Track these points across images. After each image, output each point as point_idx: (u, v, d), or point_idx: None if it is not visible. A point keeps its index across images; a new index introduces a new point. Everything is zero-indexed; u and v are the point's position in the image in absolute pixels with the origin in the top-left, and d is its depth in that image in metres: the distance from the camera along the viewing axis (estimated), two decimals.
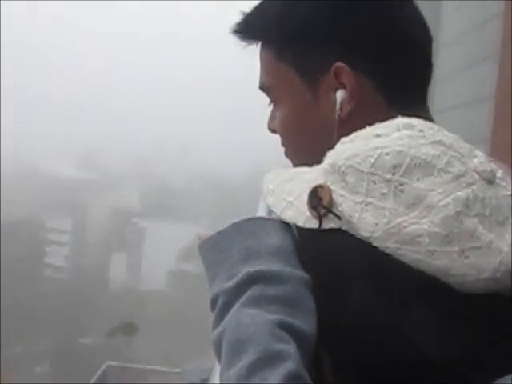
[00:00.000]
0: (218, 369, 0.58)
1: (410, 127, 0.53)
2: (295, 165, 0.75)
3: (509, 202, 0.50)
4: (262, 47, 0.73)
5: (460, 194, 0.49)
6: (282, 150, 0.77)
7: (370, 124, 0.57)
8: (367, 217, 0.50)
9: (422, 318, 0.48)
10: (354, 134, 0.57)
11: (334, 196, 0.52)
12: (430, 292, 0.49)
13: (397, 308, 0.49)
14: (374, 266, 0.50)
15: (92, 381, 16.61)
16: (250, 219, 0.58)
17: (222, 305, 0.55)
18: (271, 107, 0.76)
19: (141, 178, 63.71)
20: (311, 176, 0.57)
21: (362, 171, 0.51)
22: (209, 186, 63.26)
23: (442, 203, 0.49)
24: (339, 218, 0.52)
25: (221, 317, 0.54)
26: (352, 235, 0.51)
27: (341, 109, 0.67)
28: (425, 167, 0.50)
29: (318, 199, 0.53)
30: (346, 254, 0.52)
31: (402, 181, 0.50)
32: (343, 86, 0.68)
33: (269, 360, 0.48)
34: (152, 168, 68.91)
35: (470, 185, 0.49)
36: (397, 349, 0.48)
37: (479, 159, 0.52)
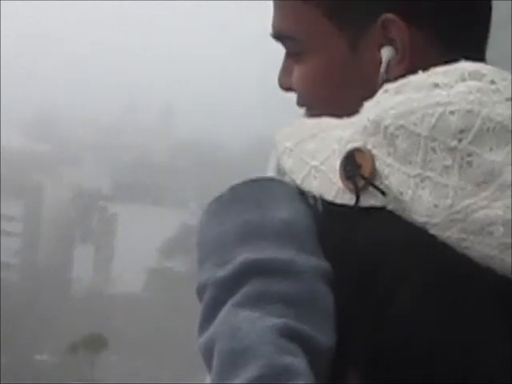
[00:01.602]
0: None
1: (479, 76, 0.51)
2: None
3: None
4: None
5: None
6: (296, 113, 0.76)
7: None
8: (424, 196, 0.48)
9: (497, 339, 0.47)
10: (402, 81, 0.53)
11: (378, 164, 0.50)
12: (505, 300, 0.47)
13: (464, 323, 0.47)
14: (431, 261, 0.48)
15: None
16: (256, 181, 0.56)
17: (211, 300, 0.52)
18: (285, 58, 0.76)
19: (109, 150, 63.44)
20: (344, 134, 0.54)
21: (419, 134, 0.49)
22: (196, 161, 63.01)
23: None
24: (384, 193, 0.49)
25: (209, 317, 0.52)
26: (400, 218, 0.49)
27: (387, 70, 0.66)
28: (500, 133, 0.48)
29: (356, 167, 0.50)
30: (391, 242, 0.49)
31: (470, 150, 0.48)
32: (393, 43, 0.68)
33: (273, 377, 0.46)
34: (123, 138, 68.60)
35: None
36: (460, 377, 0.47)
37: None
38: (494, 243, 0.47)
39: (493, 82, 0.50)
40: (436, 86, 0.51)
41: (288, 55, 0.75)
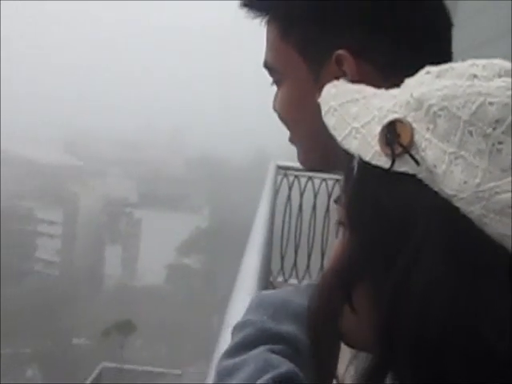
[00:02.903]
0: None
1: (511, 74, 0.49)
2: (298, 151, 0.78)
3: None
4: (268, 23, 0.75)
5: None
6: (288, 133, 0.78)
7: None
8: (456, 172, 0.47)
9: (503, 305, 0.45)
10: (444, 66, 0.52)
11: (417, 137, 0.48)
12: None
13: (477, 289, 0.45)
14: (455, 229, 0.46)
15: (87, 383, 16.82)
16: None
17: (251, 337, 0.58)
18: (275, 87, 0.78)
19: (133, 165, 63.69)
20: (384, 104, 0.52)
21: (459, 117, 0.47)
22: (207, 173, 63.20)
23: None
24: (418, 163, 0.47)
25: (246, 348, 0.57)
26: (428, 187, 0.47)
27: None
28: None
29: (396, 135, 0.48)
30: (418, 207, 0.47)
31: (502, 139, 0.46)
32: (345, 74, 0.68)
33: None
34: (144, 155, 68.89)
35: None
36: (468, 334, 0.45)
37: None
38: (511, 224, 0.46)
39: None
40: (475, 76, 0.49)
41: (274, 83, 0.78)
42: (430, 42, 0.69)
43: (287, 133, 0.79)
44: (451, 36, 0.73)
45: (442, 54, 0.66)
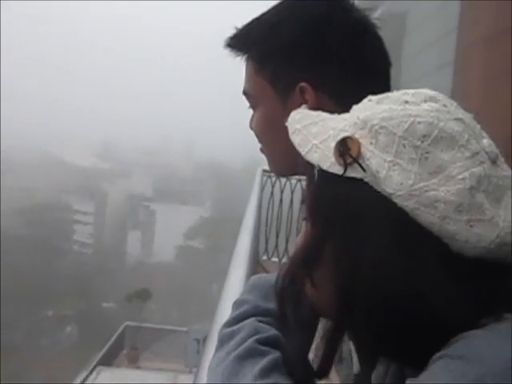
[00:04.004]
0: (214, 332, 0.64)
1: (435, 100, 0.50)
2: (268, 161, 0.78)
3: (505, 182, 0.48)
4: (247, 60, 0.74)
5: (475, 170, 0.46)
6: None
7: None
8: (393, 175, 0.47)
9: (435, 276, 0.45)
10: (382, 95, 0.52)
11: (363, 150, 0.48)
12: (439, 252, 0.46)
13: (413, 263, 0.45)
14: (394, 219, 0.46)
15: (113, 338, 16.70)
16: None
17: (246, 313, 0.58)
18: (251, 110, 0.77)
19: (150, 167, 63.36)
20: (338, 124, 0.52)
21: (395, 134, 0.47)
22: (210, 175, 63.09)
23: (460, 176, 0.46)
24: (364, 169, 0.47)
25: (240, 319, 0.58)
26: (372, 187, 0.47)
27: None
28: (449, 141, 0.47)
29: (347, 149, 0.48)
30: (366, 203, 0.47)
31: (428, 149, 0.46)
32: (307, 102, 0.68)
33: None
34: (160, 159, 68.56)
35: (481, 163, 0.47)
36: (409, 301, 0.45)
37: (488, 140, 0.49)
38: (437, 214, 0.46)
39: (445, 105, 0.49)
40: (406, 102, 0.50)
41: (250, 107, 0.77)
42: (370, 78, 0.69)
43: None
44: (389, 72, 0.73)
45: (380, 86, 0.65)
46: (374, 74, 0.70)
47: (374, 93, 0.53)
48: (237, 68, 0.74)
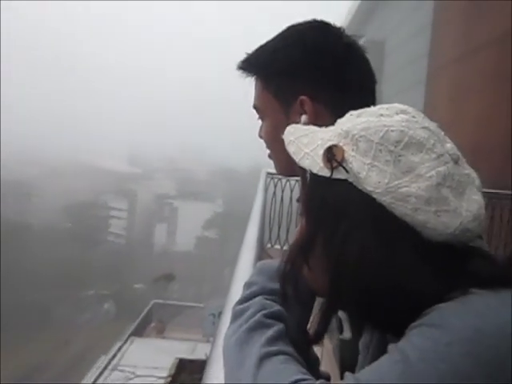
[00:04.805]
0: (229, 305, 0.62)
1: (406, 112, 0.50)
2: (275, 164, 0.78)
3: (466, 179, 0.48)
4: (256, 79, 0.75)
5: (440, 169, 0.47)
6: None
7: None
8: (372, 176, 0.47)
9: (410, 259, 0.45)
10: (361, 110, 0.52)
11: (346, 155, 0.48)
12: (413, 239, 0.46)
13: (391, 249, 0.46)
14: (374, 212, 0.46)
15: (143, 313, 16.74)
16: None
17: (251, 294, 0.57)
18: (260, 121, 0.78)
19: (173, 171, 63.47)
20: (325, 135, 0.52)
21: (372, 141, 0.48)
22: (222, 177, 63.08)
23: (428, 175, 0.46)
24: (348, 171, 0.48)
25: (249, 298, 0.57)
26: (355, 186, 0.47)
27: None
28: (418, 145, 0.47)
29: (333, 155, 0.48)
30: (350, 200, 0.47)
31: (401, 153, 0.47)
32: (306, 112, 0.70)
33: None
34: (180, 164, 68.65)
35: (446, 163, 0.47)
36: (388, 280, 0.45)
37: (450, 144, 0.49)
38: (410, 207, 0.46)
39: (414, 116, 0.50)
40: (381, 115, 0.50)
41: (259, 118, 0.77)
42: (358, 92, 0.70)
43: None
44: (374, 88, 0.74)
45: (366, 99, 0.65)
46: (361, 89, 0.71)
47: (362, 105, 0.53)
48: (242, 86, 0.74)
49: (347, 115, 0.53)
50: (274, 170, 0.77)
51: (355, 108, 0.53)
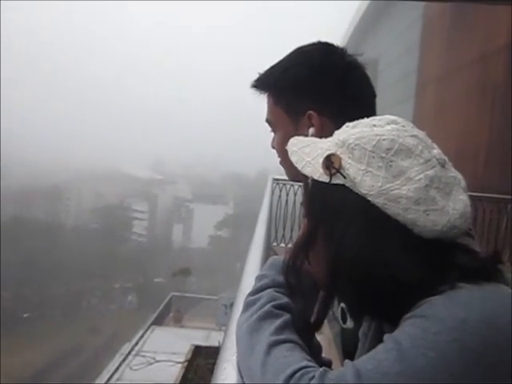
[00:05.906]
0: (241, 297, 0.62)
1: (396, 123, 0.51)
2: (285, 171, 0.78)
3: (452, 180, 0.48)
4: (268, 96, 0.76)
5: (428, 172, 0.47)
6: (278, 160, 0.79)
7: None
8: (366, 180, 0.47)
9: (401, 254, 0.46)
10: (356, 122, 0.53)
11: (343, 163, 0.49)
12: (404, 236, 0.46)
13: (384, 246, 0.46)
14: (369, 213, 0.47)
15: (162, 304, 16.79)
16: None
17: (262, 286, 0.57)
18: (273, 133, 0.79)
19: (189, 178, 63.78)
20: (324, 145, 0.52)
21: (366, 149, 0.48)
22: (233, 182, 63.21)
23: (416, 178, 0.46)
24: (345, 177, 0.48)
25: (260, 290, 0.57)
26: (351, 191, 0.48)
27: None
28: (407, 152, 0.47)
29: (331, 162, 0.49)
30: (347, 202, 0.48)
31: (392, 159, 0.47)
32: (313, 125, 0.70)
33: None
34: (197, 171, 68.99)
35: (433, 167, 0.47)
36: (381, 274, 0.46)
37: (437, 150, 0.49)
38: (401, 207, 0.46)
39: (403, 126, 0.50)
40: (374, 125, 0.50)
41: (272, 131, 0.78)
42: (359, 106, 0.70)
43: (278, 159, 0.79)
44: (375, 101, 0.74)
45: (366, 111, 0.64)
46: (362, 103, 0.72)
47: (363, 117, 0.53)
48: (251, 99, 0.76)
49: (343, 127, 0.53)
50: (279, 176, 0.78)
51: (358, 120, 0.53)
